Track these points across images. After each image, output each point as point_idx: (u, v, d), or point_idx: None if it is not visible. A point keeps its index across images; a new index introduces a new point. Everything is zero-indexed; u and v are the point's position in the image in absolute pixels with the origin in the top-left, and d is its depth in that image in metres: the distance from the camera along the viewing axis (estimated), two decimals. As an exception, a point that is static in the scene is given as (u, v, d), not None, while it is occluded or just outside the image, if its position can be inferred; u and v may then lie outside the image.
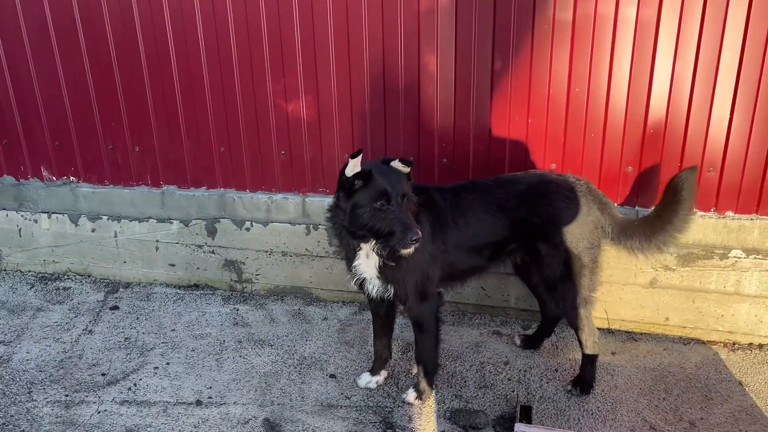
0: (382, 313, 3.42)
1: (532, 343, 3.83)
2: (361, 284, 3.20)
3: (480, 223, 3.19)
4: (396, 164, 2.90)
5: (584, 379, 3.43)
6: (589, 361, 3.42)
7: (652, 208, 3.70)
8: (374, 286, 3.16)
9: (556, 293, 3.27)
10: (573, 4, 3.50)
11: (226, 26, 3.99)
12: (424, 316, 3.21)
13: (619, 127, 3.68)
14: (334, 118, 4.04)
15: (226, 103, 4.18)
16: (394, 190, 2.81)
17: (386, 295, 3.17)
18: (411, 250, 2.84)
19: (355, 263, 3.11)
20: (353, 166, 2.81)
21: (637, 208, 3.80)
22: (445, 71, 3.77)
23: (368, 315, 4.18)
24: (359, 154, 2.79)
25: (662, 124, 3.62)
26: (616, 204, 3.79)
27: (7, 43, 4.41)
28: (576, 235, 3.20)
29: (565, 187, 3.25)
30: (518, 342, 3.86)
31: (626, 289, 3.92)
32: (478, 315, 4.19)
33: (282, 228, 4.33)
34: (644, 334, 3.94)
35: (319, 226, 4.26)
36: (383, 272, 3.09)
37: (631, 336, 3.93)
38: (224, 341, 3.98)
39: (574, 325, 3.34)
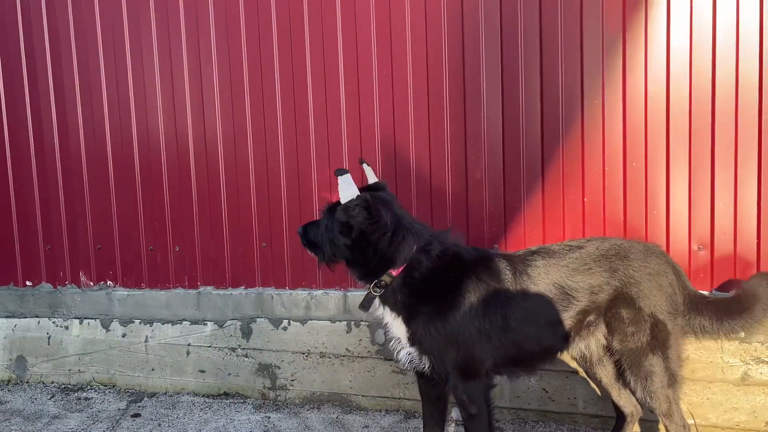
0: (433, 395, 2.98)
1: (608, 449, 3.26)
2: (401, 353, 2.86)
3: (555, 293, 2.81)
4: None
5: (677, 485, 2.84)
6: (682, 460, 2.85)
7: (731, 291, 3.34)
8: (408, 353, 2.80)
9: (641, 370, 2.81)
10: (622, 79, 3.47)
11: (274, 118, 4.06)
12: (472, 397, 2.75)
13: (683, 203, 3.44)
14: (379, 208, 3.91)
15: (270, 196, 4.13)
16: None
17: (422, 368, 2.79)
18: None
19: (384, 319, 2.84)
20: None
21: (714, 292, 3.42)
22: (494, 152, 3.68)
23: (415, 423, 3.69)
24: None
25: (732, 196, 3.37)
26: (689, 288, 3.44)
27: (66, 161, 4.56)
28: (658, 298, 2.84)
29: (638, 247, 2.95)
30: (591, 449, 3.30)
31: (714, 388, 3.39)
32: (541, 423, 3.65)
33: (321, 326, 4.02)
34: (742, 443, 3.33)
35: (361, 323, 3.94)
36: (415, 336, 2.74)
37: (726, 445, 3.33)
38: (252, 446, 3.51)
39: (661, 411, 2.84)
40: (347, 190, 2.64)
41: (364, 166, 2.91)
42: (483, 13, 3.63)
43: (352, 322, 3.96)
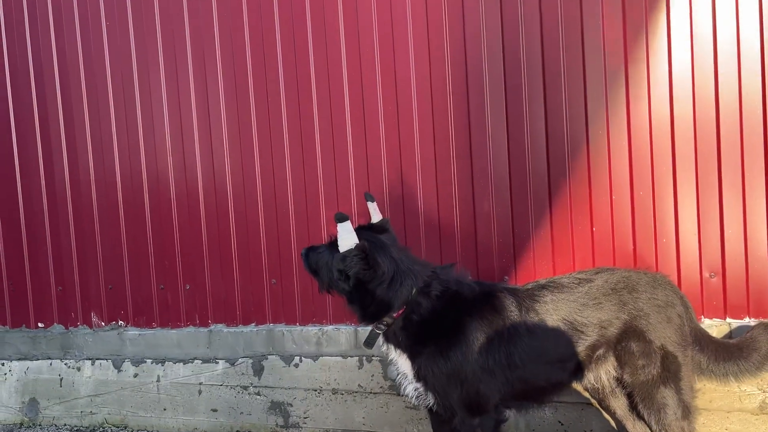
0: (446, 430, 2.95)
1: (626, 483, 3.22)
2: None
3: (564, 328, 2.81)
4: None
5: None
6: (702, 494, 2.81)
7: (745, 318, 3.34)
8: (414, 388, 2.82)
9: (654, 402, 2.80)
10: (626, 109, 3.49)
11: (282, 157, 4.10)
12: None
13: (692, 230, 3.43)
14: (388, 242, 3.93)
15: (280, 232, 4.15)
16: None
17: (427, 403, 2.82)
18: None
19: (390, 354, 2.87)
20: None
21: (728, 319, 3.40)
22: (500, 184, 3.70)
23: (430, 459, 3.65)
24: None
25: (741, 222, 3.37)
26: (702, 316, 3.42)
27: (77, 203, 4.60)
28: (667, 330, 2.83)
29: (646, 279, 2.95)
30: (610, 483, 3.25)
31: (732, 418, 3.34)
32: (557, 457, 3.60)
33: (333, 362, 4.01)
34: (764, 474, 3.27)
35: (373, 358, 3.92)
36: (419, 373, 2.78)
37: (747, 477, 3.27)
38: (266, 487, 3.48)
39: (678, 444, 2.81)
40: (346, 238, 2.67)
41: (369, 203, 2.93)
42: (486, 49, 3.68)
43: (364, 358, 3.95)
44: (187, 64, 4.26)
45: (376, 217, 2.93)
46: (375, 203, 2.95)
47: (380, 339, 2.89)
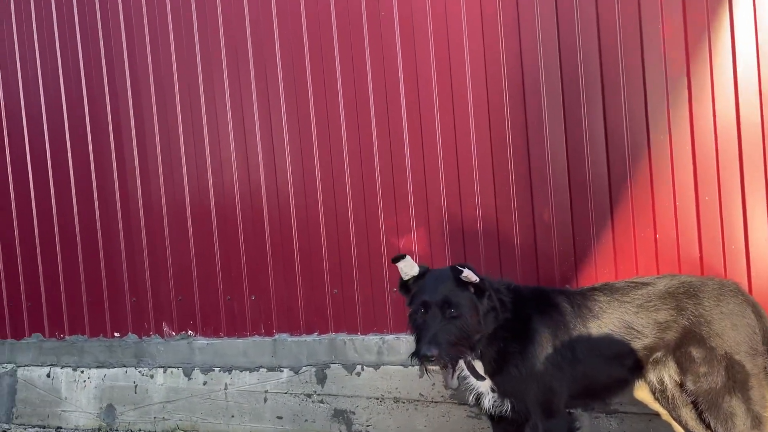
0: (511, 442, 2.97)
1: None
2: (479, 399, 2.92)
3: (618, 327, 2.85)
4: (465, 273, 2.68)
5: None
6: None
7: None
8: (490, 399, 2.87)
9: (720, 411, 2.74)
10: (689, 113, 3.42)
11: (342, 170, 4.20)
12: None
13: (763, 236, 3.32)
14: (446, 250, 3.97)
15: (340, 244, 4.24)
16: (433, 298, 2.69)
17: (504, 410, 2.84)
18: (422, 368, 2.73)
19: (464, 373, 2.88)
20: (409, 268, 2.77)
21: (803, 328, 3.26)
22: (560, 193, 3.68)
23: (493, 469, 3.63)
24: (402, 258, 2.76)
25: (815, 227, 3.24)
26: (776, 325, 3.29)
27: (149, 219, 4.84)
28: (733, 338, 2.76)
29: (711, 285, 2.90)
30: (679, 497, 3.16)
31: (810, 431, 3.20)
32: (624, 469, 3.53)
33: (394, 371, 4.06)
34: None
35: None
36: (496, 382, 2.83)
37: (829, 493, 3.11)
38: (330, 493, 3.55)
39: (748, 456, 2.72)
40: (474, 277, 2.71)
41: (399, 264, 2.83)
42: (542, 59, 3.69)
43: (425, 367, 3.97)
44: (251, 85, 4.43)
45: (415, 269, 2.84)
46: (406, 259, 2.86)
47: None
